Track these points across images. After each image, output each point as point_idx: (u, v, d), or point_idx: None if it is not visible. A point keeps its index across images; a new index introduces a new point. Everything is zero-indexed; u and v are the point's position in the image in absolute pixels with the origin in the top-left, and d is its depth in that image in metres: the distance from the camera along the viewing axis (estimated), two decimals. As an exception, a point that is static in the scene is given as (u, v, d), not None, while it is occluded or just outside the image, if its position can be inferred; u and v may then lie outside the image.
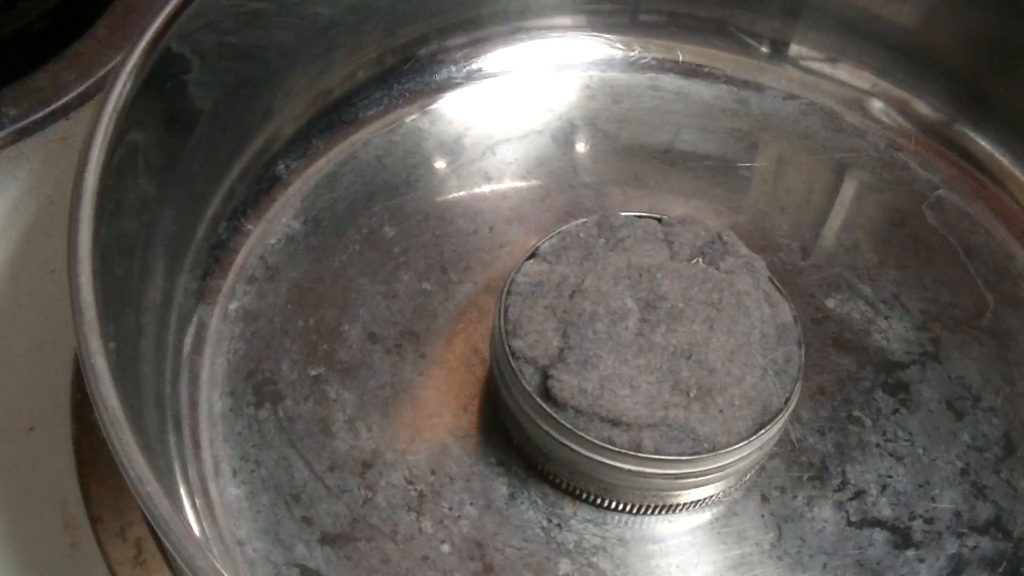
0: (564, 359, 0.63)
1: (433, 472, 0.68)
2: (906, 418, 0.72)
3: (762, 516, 0.68)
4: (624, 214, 0.69)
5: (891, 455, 0.71)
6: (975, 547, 0.68)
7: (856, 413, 0.72)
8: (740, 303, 0.66)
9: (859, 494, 0.69)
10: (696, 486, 0.65)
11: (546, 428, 0.63)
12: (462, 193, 0.79)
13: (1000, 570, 0.68)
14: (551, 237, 0.68)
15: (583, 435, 0.62)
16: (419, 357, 0.72)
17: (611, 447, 0.62)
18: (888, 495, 0.70)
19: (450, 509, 0.67)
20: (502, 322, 0.65)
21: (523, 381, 0.63)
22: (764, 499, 0.69)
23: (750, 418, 0.63)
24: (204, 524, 0.66)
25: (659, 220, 0.70)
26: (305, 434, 0.69)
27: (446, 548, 0.65)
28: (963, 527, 0.69)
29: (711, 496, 0.67)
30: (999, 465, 0.72)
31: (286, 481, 0.67)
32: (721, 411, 0.63)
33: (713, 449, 0.62)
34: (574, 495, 0.67)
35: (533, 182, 0.81)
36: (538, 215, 0.79)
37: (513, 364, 0.64)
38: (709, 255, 0.68)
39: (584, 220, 0.69)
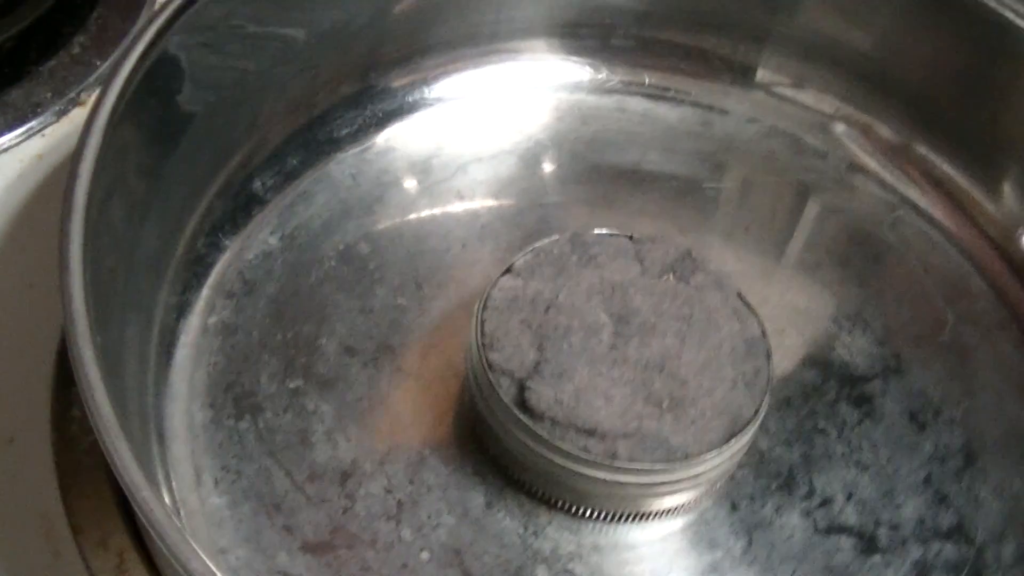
0: (540, 371, 0.64)
1: (411, 482, 0.69)
2: (870, 429, 0.74)
3: (732, 524, 0.70)
4: (596, 232, 0.71)
5: (856, 465, 0.73)
6: (939, 552, 0.70)
7: (822, 424, 0.74)
8: (710, 318, 0.67)
9: (826, 502, 0.71)
10: (669, 494, 0.66)
11: (522, 438, 0.64)
12: (434, 211, 0.81)
13: (963, 574, 0.70)
14: (526, 254, 0.69)
15: (559, 445, 0.63)
16: (395, 370, 0.73)
17: (586, 456, 0.63)
18: (854, 503, 0.71)
19: (428, 518, 0.67)
20: (479, 336, 0.66)
21: (500, 393, 0.64)
22: (734, 507, 0.70)
23: (721, 428, 0.65)
24: (186, 533, 0.66)
25: (630, 238, 0.71)
26: (284, 445, 0.69)
27: (425, 556, 0.66)
28: (927, 533, 0.71)
29: (683, 504, 0.68)
30: (960, 474, 0.73)
31: (267, 491, 0.68)
32: (693, 422, 0.64)
33: (686, 458, 0.63)
34: (550, 504, 0.68)
35: (503, 201, 0.82)
36: (508, 233, 0.80)
37: (490, 376, 0.65)
38: (679, 271, 0.69)
39: (557, 237, 0.70)
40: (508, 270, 0.69)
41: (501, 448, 0.67)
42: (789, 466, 0.72)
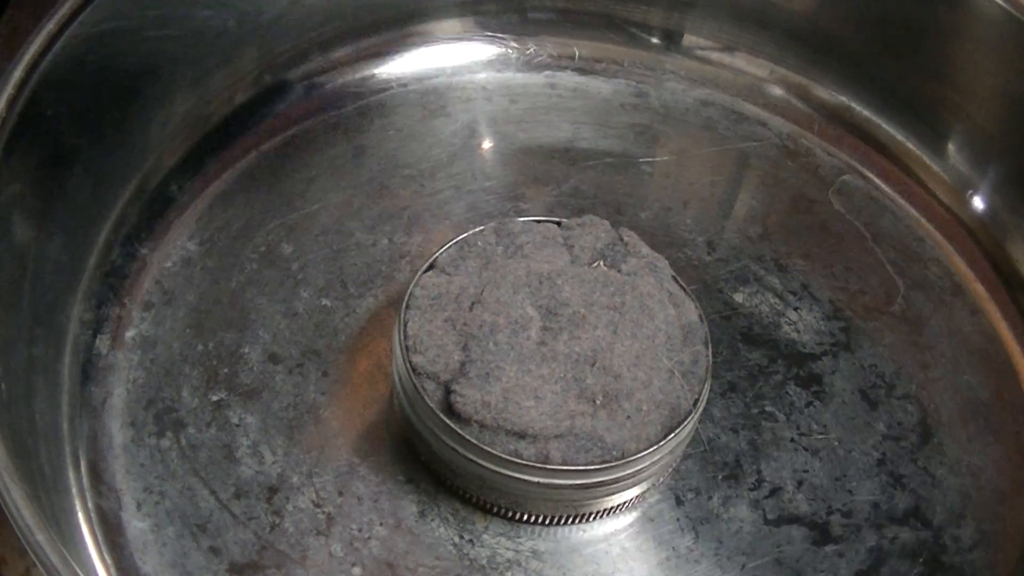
0: (466, 373, 0.61)
1: (340, 493, 0.66)
2: (820, 411, 0.72)
3: (678, 520, 0.67)
4: (522, 219, 0.68)
5: (806, 449, 0.70)
6: (895, 538, 0.68)
7: (769, 408, 0.72)
8: (643, 305, 0.64)
9: (775, 491, 0.69)
10: (608, 494, 0.64)
11: (452, 444, 0.62)
12: (359, 204, 0.78)
13: (921, 560, 0.67)
14: (448, 247, 0.67)
15: (489, 450, 0.61)
16: (322, 376, 0.70)
17: (518, 460, 0.61)
18: (805, 490, 0.69)
19: (359, 530, 0.65)
20: (402, 338, 0.63)
21: (425, 397, 0.62)
22: (679, 502, 0.68)
23: (659, 422, 0.62)
24: (109, 560, 0.64)
25: (558, 224, 0.68)
26: (209, 462, 0.67)
27: (357, 571, 0.64)
28: (882, 519, 0.68)
29: (624, 503, 0.66)
30: (916, 453, 0.71)
31: (191, 511, 0.65)
32: (629, 417, 0.61)
33: (622, 456, 0.61)
34: (485, 509, 0.66)
35: (432, 189, 0.79)
36: (437, 222, 0.78)
37: (415, 381, 0.62)
38: (610, 257, 0.67)
39: (482, 228, 0.67)
40: (431, 266, 0.66)
41: (431, 454, 0.65)
42: (736, 455, 0.70)
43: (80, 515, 0.65)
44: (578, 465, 0.61)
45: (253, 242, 0.75)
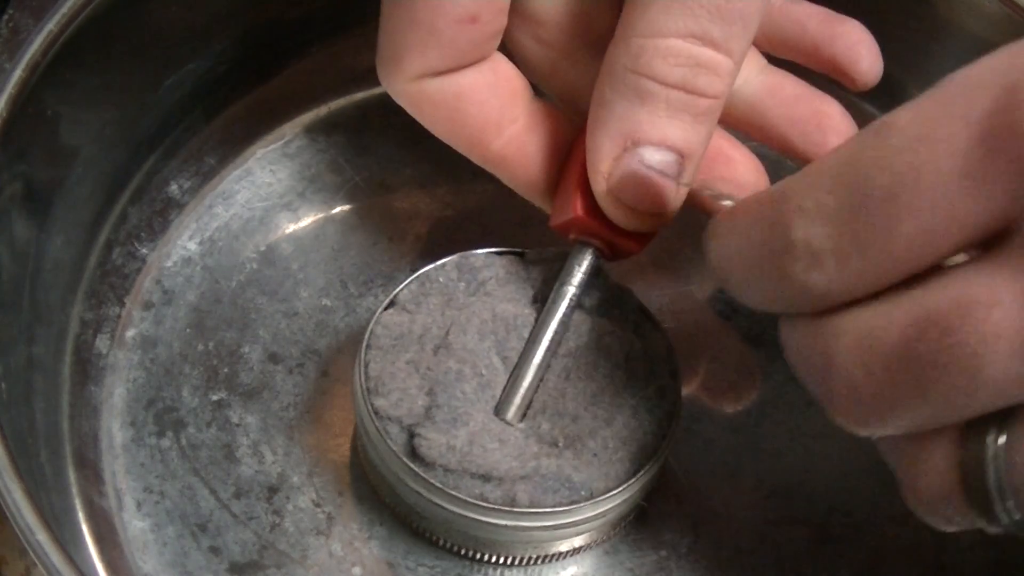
0: (432, 417, 0.60)
1: (340, 493, 0.67)
2: (820, 410, 0.71)
3: (678, 519, 0.67)
4: (485, 252, 0.66)
5: (806, 449, 0.70)
6: (895, 537, 0.68)
7: (769, 408, 0.72)
8: (599, 345, 0.63)
9: (775, 491, 0.69)
10: (577, 535, 0.63)
11: (416, 488, 0.61)
12: (359, 205, 0.78)
13: (921, 560, 0.67)
14: (410, 283, 0.65)
15: (455, 494, 0.60)
16: (322, 375, 0.70)
17: (484, 503, 0.60)
18: (805, 490, 0.69)
19: (359, 530, 0.66)
20: (363, 379, 0.62)
21: (388, 441, 0.61)
22: (679, 501, 0.68)
23: (627, 459, 0.61)
24: (110, 560, 0.64)
25: (521, 255, 0.67)
26: (209, 461, 0.67)
27: (357, 571, 0.64)
28: (882, 518, 0.68)
29: (589, 544, 0.66)
30: (916, 453, 0.71)
31: (191, 511, 0.66)
32: (595, 455, 0.61)
33: (591, 496, 0.60)
34: (453, 552, 0.65)
35: (432, 190, 0.79)
36: (438, 224, 0.78)
37: (377, 424, 0.61)
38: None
39: (443, 262, 0.66)
40: (392, 303, 0.65)
41: (395, 497, 0.64)
42: (736, 455, 0.70)
43: (80, 515, 0.65)
44: (546, 506, 0.60)
45: (253, 241, 0.75)
